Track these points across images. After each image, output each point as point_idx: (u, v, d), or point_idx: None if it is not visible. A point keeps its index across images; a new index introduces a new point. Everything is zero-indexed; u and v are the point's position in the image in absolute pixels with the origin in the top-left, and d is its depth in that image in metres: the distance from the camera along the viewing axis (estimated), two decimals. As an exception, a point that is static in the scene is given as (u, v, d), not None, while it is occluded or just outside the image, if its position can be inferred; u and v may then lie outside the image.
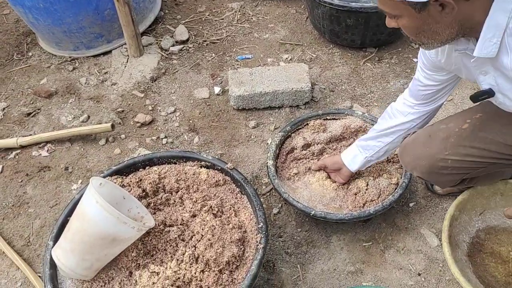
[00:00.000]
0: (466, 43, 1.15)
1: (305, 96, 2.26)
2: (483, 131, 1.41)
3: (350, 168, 1.75)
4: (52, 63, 2.67)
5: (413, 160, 1.54)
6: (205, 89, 2.43)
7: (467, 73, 1.29)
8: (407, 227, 1.83)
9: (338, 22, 2.41)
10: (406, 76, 2.43)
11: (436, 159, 1.46)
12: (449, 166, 1.46)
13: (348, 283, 1.70)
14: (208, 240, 1.44)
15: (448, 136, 1.45)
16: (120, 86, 2.49)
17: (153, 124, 2.30)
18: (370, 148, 1.69)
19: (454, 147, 1.43)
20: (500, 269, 1.67)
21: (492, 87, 1.20)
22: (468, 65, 1.23)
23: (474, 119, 1.44)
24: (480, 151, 1.42)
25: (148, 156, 1.72)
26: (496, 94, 1.21)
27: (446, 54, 1.28)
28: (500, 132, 1.39)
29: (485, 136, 1.41)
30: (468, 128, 1.43)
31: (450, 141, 1.44)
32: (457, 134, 1.44)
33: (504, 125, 1.39)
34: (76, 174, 2.12)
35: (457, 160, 1.44)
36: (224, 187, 1.65)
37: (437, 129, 1.50)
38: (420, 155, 1.51)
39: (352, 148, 1.75)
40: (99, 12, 2.48)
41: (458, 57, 1.25)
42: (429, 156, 1.48)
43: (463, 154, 1.43)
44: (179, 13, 2.94)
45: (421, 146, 1.51)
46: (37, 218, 1.97)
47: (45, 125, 2.34)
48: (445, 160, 1.45)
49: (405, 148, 1.59)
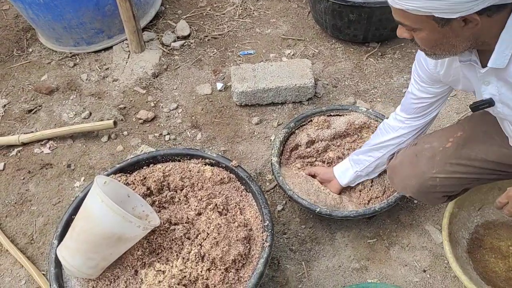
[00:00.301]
0: (469, 54, 1.17)
1: (308, 92, 2.24)
2: (465, 148, 1.47)
3: (340, 181, 1.78)
4: (53, 59, 2.65)
5: (403, 181, 1.57)
6: (207, 85, 2.42)
7: (466, 84, 1.30)
8: (411, 223, 1.83)
9: (341, 17, 2.39)
10: (409, 72, 2.42)
11: (425, 178, 1.50)
12: (438, 184, 1.49)
13: (353, 280, 1.69)
14: (214, 238, 1.44)
15: (434, 155, 1.50)
16: (121, 82, 2.47)
17: (155, 121, 2.28)
18: (361, 162, 1.72)
19: (441, 165, 1.48)
20: (500, 264, 1.67)
21: (493, 97, 1.21)
22: (468, 76, 1.24)
23: (456, 138, 1.49)
24: (465, 168, 1.47)
25: (152, 154, 1.71)
26: (496, 104, 1.22)
27: (446, 66, 1.29)
28: (481, 149, 1.45)
29: (468, 153, 1.46)
30: (452, 147, 1.48)
31: (436, 159, 1.49)
32: (442, 153, 1.49)
33: (483, 142, 1.45)
34: (79, 171, 2.11)
35: (445, 177, 1.48)
36: (229, 185, 1.64)
37: (422, 148, 1.53)
38: (409, 175, 1.54)
39: (345, 162, 1.78)
40: (100, 8, 2.46)
41: (458, 69, 1.26)
42: (417, 176, 1.52)
43: (450, 171, 1.47)
44: (180, 8, 2.91)
45: (408, 167, 1.55)
46: (40, 215, 1.96)
47: (46, 122, 2.33)
48: (433, 179, 1.49)
49: (393, 170, 1.62)
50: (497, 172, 1.46)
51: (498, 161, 1.45)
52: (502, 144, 1.44)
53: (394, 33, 2.50)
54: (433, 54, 1.15)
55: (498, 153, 1.44)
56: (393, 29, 2.44)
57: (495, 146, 1.45)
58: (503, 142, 1.44)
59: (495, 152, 1.45)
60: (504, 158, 1.44)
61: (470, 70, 1.22)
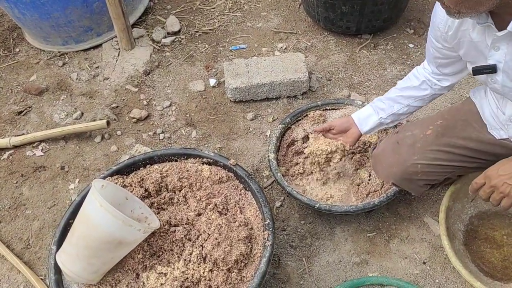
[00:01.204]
0: (486, 17, 1.15)
1: (302, 86, 2.23)
2: (445, 136, 1.49)
3: (361, 128, 1.65)
4: (41, 58, 2.60)
5: (386, 169, 1.58)
6: (200, 82, 2.39)
7: (468, 49, 1.29)
8: (410, 216, 1.83)
9: (333, 9, 2.37)
10: (402, 63, 2.41)
11: (407, 165, 1.51)
12: (419, 171, 1.51)
13: (354, 274, 1.70)
14: (215, 239, 1.42)
15: (415, 142, 1.52)
16: (112, 80, 2.43)
17: (149, 119, 2.26)
18: (387, 108, 1.61)
19: (422, 152, 1.50)
20: (496, 254, 1.69)
21: (498, 64, 1.21)
22: (476, 40, 1.23)
23: (436, 125, 1.52)
24: (445, 154, 1.49)
25: (149, 154, 1.69)
26: (498, 72, 1.23)
27: (455, 28, 1.27)
28: (460, 137, 1.48)
29: (448, 140, 1.49)
30: (432, 134, 1.51)
31: (417, 146, 1.51)
32: (423, 140, 1.51)
33: (462, 130, 1.48)
34: (73, 173, 2.08)
35: (426, 164, 1.50)
36: (227, 184, 1.63)
37: (404, 136, 1.56)
38: (391, 163, 1.56)
39: (366, 109, 1.66)
40: (88, 5, 2.41)
41: (466, 32, 1.25)
42: (399, 163, 1.53)
43: (430, 158, 1.50)
44: (169, 3, 2.87)
45: (391, 154, 1.56)
46: (36, 219, 1.93)
47: (37, 124, 2.29)
48: (415, 165, 1.50)
49: (376, 158, 1.63)
50: (478, 160, 1.49)
51: (478, 148, 1.48)
52: (481, 131, 1.47)
53: (386, 24, 2.51)
54: (457, 13, 1.10)
55: (477, 141, 1.48)
56: (386, 20, 2.45)
57: (474, 133, 1.48)
58: (482, 129, 1.47)
59: (473, 139, 1.48)
60: (483, 146, 1.47)
61: (481, 33, 1.20)
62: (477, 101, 1.52)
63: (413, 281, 1.66)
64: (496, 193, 1.30)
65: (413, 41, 2.53)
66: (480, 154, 1.48)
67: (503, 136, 1.44)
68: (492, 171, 1.31)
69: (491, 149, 1.46)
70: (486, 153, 1.47)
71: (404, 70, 2.36)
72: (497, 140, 1.45)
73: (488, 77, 1.28)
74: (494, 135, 1.45)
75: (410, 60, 2.42)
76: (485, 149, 1.47)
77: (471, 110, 1.52)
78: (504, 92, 1.28)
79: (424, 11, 2.67)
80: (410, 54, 2.45)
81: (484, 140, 1.47)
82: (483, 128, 1.47)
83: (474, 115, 1.50)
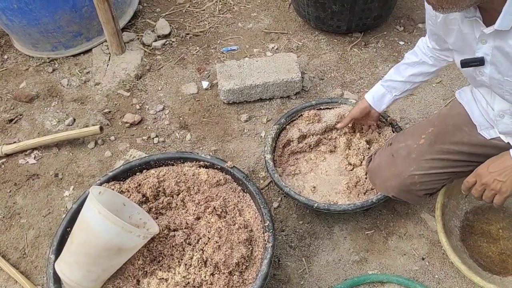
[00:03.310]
0: (474, 11, 1.16)
1: (296, 87, 2.23)
2: (438, 143, 1.50)
3: (378, 108, 1.75)
4: (30, 65, 2.57)
5: (383, 182, 1.59)
6: (192, 84, 2.38)
7: (458, 38, 1.29)
8: (407, 212, 1.84)
9: (324, 9, 2.38)
10: (394, 60, 2.43)
11: (404, 177, 1.52)
12: (417, 181, 1.52)
13: (354, 272, 1.70)
14: (215, 242, 1.42)
15: (409, 153, 1.53)
16: (104, 85, 2.41)
17: (142, 124, 2.24)
18: (399, 88, 1.69)
19: (417, 163, 1.51)
20: (492, 248, 1.70)
21: (485, 56, 1.22)
22: (465, 31, 1.24)
23: (428, 134, 1.53)
24: (440, 162, 1.50)
25: (145, 159, 1.68)
26: (485, 65, 1.24)
27: (442, 16, 1.28)
28: (452, 142, 1.49)
29: (441, 147, 1.50)
30: (425, 143, 1.52)
31: (412, 157, 1.52)
32: (417, 150, 1.52)
33: (453, 135, 1.50)
34: (67, 180, 2.06)
35: (423, 174, 1.51)
36: (225, 187, 1.62)
37: (397, 147, 1.57)
38: (388, 176, 1.57)
39: (378, 89, 1.73)
40: (77, 10, 2.39)
41: (455, 20, 1.26)
42: (396, 176, 1.54)
43: (426, 167, 1.51)
44: (158, 6, 2.85)
45: (387, 167, 1.58)
46: (31, 228, 1.91)
47: (29, 131, 2.26)
48: (412, 177, 1.51)
49: (373, 172, 1.64)
50: (472, 163, 1.48)
51: (470, 151, 1.49)
52: (471, 134, 1.48)
53: (376, 22, 2.53)
54: (440, 8, 1.11)
55: (469, 144, 1.48)
56: (376, 18, 2.46)
57: (465, 137, 1.49)
58: (472, 132, 1.48)
59: (465, 143, 1.49)
60: (475, 149, 1.48)
61: (470, 26, 1.21)
62: (464, 103, 1.52)
63: (413, 277, 1.67)
64: (487, 190, 1.32)
65: (403, 38, 2.54)
66: (473, 157, 1.49)
67: (493, 135, 1.45)
68: (483, 169, 1.33)
69: (483, 151, 1.46)
70: (479, 156, 1.47)
71: (396, 68, 2.37)
72: (488, 141, 1.46)
73: (476, 69, 1.29)
74: (484, 136, 1.46)
75: (401, 57, 2.43)
76: (477, 152, 1.48)
77: (460, 113, 1.52)
78: (492, 84, 1.28)
79: (413, 8, 2.69)
80: (401, 52, 2.47)
81: (475, 142, 1.47)
82: (473, 131, 1.48)
83: (464, 119, 1.50)
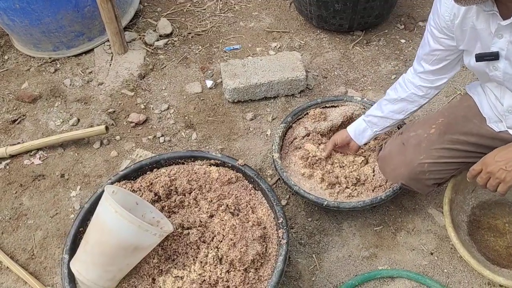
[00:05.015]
0: (492, 5, 1.18)
1: (300, 85, 2.24)
2: (448, 133, 1.54)
3: (359, 142, 1.78)
4: (32, 65, 2.55)
5: (393, 170, 1.63)
6: (196, 83, 2.38)
7: (471, 37, 1.31)
8: (414, 208, 1.86)
9: (326, 8, 2.39)
10: (396, 58, 2.45)
11: (414, 165, 1.55)
12: (426, 170, 1.55)
13: (364, 268, 1.72)
14: (230, 240, 1.43)
15: (420, 141, 1.56)
16: (107, 85, 2.41)
17: (147, 123, 2.24)
18: (380, 124, 1.71)
19: (427, 151, 1.54)
20: (500, 242, 1.73)
21: (501, 51, 1.25)
22: (480, 28, 1.26)
23: (438, 124, 1.56)
24: (450, 152, 1.53)
25: (155, 158, 1.68)
26: (500, 59, 1.26)
27: (462, 16, 1.29)
28: (462, 132, 1.52)
29: (451, 137, 1.53)
30: (435, 132, 1.55)
31: (422, 146, 1.55)
32: (427, 139, 1.55)
33: (463, 126, 1.52)
34: (73, 180, 2.05)
35: (432, 163, 1.54)
36: (237, 184, 1.63)
37: (408, 136, 1.60)
38: (398, 164, 1.60)
39: (360, 123, 1.76)
40: (79, 10, 2.38)
41: (469, 19, 1.28)
42: (406, 163, 1.57)
43: (436, 156, 1.54)
44: (159, 6, 2.85)
45: (397, 155, 1.61)
46: (38, 229, 1.90)
47: (32, 132, 2.24)
48: (421, 165, 1.54)
49: (384, 160, 1.67)
50: (480, 155, 1.50)
51: (479, 142, 1.52)
52: (481, 126, 1.51)
53: (378, 21, 2.55)
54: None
55: (478, 135, 1.52)
56: (377, 17, 2.48)
57: (474, 128, 1.52)
58: (481, 124, 1.51)
59: (474, 134, 1.52)
60: (484, 140, 1.51)
61: (486, 21, 1.23)
62: (475, 97, 1.55)
63: (422, 272, 1.69)
64: (492, 179, 1.33)
65: (404, 36, 2.57)
66: (481, 149, 1.52)
67: (502, 128, 1.48)
68: (489, 158, 1.35)
69: (492, 143, 1.49)
70: (487, 147, 1.49)
71: (398, 65, 2.40)
72: (497, 134, 1.49)
73: (490, 64, 1.31)
74: (493, 128, 1.49)
75: (403, 55, 2.46)
76: (486, 144, 1.51)
77: (470, 106, 1.56)
78: (505, 79, 1.31)
79: (414, 6, 2.72)
80: (403, 50, 2.49)
81: (484, 134, 1.50)
82: (482, 123, 1.51)
83: (473, 111, 1.54)
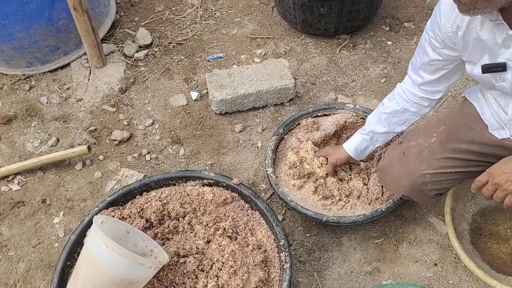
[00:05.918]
0: (497, 14, 1.14)
1: (289, 93, 2.17)
2: (449, 142, 1.49)
3: (359, 159, 1.73)
4: (4, 83, 2.41)
5: (395, 181, 1.57)
6: (181, 96, 2.29)
7: (475, 48, 1.27)
8: (415, 217, 1.81)
9: (311, 12, 2.33)
10: (384, 61, 2.40)
11: (415, 176, 1.50)
12: (428, 181, 1.50)
13: (367, 283, 1.66)
14: (231, 267, 1.34)
15: (421, 151, 1.52)
16: (87, 102, 2.29)
17: (132, 140, 2.13)
18: (381, 138, 1.66)
19: (429, 161, 1.49)
20: (503, 249, 1.69)
21: (508, 62, 1.21)
22: (485, 38, 1.21)
23: (439, 132, 1.51)
24: (451, 161, 1.49)
25: (144, 181, 1.59)
26: (508, 70, 1.22)
27: (465, 26, 1.25)
28: (464, 141, 1.48)
29: (452, 146, 1.49)
30: (437, 141, 1.50)
31: (423, 156, 1.50)
32: (428, 148, 1.51)
33: (465, 134, 1.48)
34: (56, 206, 1.93)
35: (434, 173, 1.49)
36: (232, 205, 1.55)
37: (408, 146, 1.55)
38: (400, 175, 1.54)
39: (361, 142, 1.67)
40: (53, 23, 2.25)
41: (473, 30, 1.23)
42: (408, 174, 1.52)
43: (437, 166, 1.49)
44: (136, 15, 2.74)
45: (398, 166, 1.55)
46: (20, 261, 1.78)
47: (9, 155, 2.11)
48: (423, 176, 1.50)
49: (384, 171, 1.62)
50: (482, 163, 1.47)
51: (481, 151, 1.47)
52: (482, 133, 1.47)
53: (363, 23, 2.50)
54: (472, 9, 1.07)
55: (480, 143, 1.47)
56: (363, 20, 2.43)
57: (476, 136, 1.47)
58: (483, 131, 1.47)
59: (476, 142, 1.47)
60: (486, 148, 1.47)
61: (491, 31, 1.19)
62: (475, 103, 1.51)
63: (428, 284, 1.64)
64: (499, 190, 1.29)
65: (390, 38, 2.52)
66: (484, 157, 1.47)
67: (504, 136, 1.43)
68: (496, 169, 1.30)
69: (495, 151, 1.45)
70: (490, 156, 1.45)
71: (387, 68, 2.35)
72: (499, 141, 1.44)
73: (496, 75, 1.27)
74: (495, 136, 1.45)
75: (390, 57, 2.41)
76: (488, 152, 1.46)
77: (470, 113, 1.51)
78: None
79: (398, 7, 2.68)
80: (390, 52, 2.45)
81: (486, 142, 1.46)
82: (484, 130, 1.46)
83: (475, 118, 1.49)
